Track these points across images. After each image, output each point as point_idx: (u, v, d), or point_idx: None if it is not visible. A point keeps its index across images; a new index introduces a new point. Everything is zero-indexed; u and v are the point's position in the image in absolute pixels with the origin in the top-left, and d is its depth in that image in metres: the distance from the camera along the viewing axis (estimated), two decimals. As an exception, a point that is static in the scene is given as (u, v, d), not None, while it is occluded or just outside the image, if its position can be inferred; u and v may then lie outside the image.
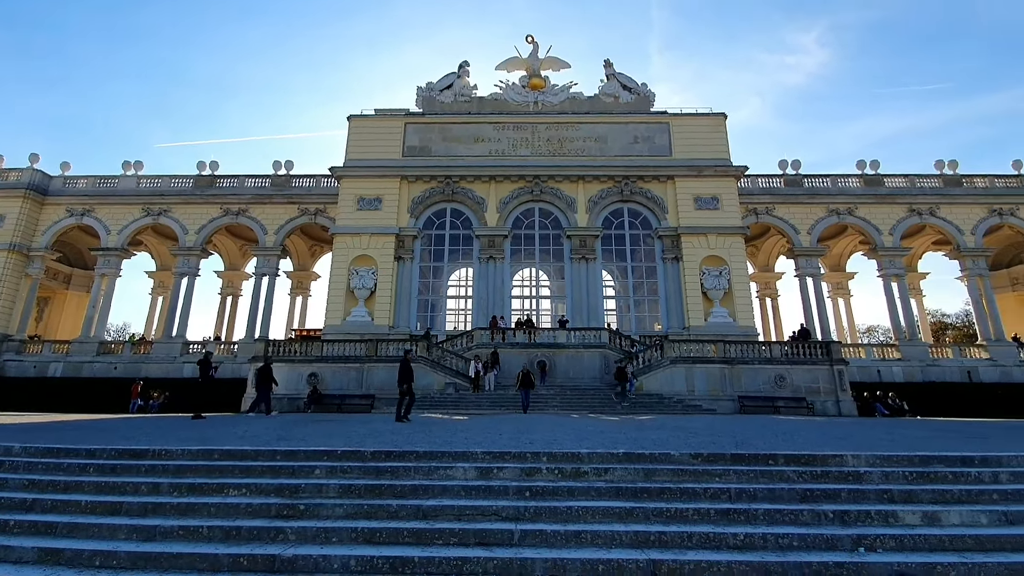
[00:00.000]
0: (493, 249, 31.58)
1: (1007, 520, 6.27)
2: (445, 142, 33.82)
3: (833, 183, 34.96)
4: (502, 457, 7.46)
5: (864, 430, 12.60)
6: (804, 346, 24.36)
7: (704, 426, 12.88)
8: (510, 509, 6.08)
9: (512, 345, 26.31)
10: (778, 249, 38.67)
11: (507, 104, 34.73)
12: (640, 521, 5.98)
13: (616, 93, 35.03)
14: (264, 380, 18.57)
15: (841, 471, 7.32)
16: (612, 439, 9.60)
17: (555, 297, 36.33)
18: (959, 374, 29.68)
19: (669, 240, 31.42)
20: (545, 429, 11.69)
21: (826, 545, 5.67)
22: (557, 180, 32.65)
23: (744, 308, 29.85)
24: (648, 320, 32.22)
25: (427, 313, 33.01)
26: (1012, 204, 33.84)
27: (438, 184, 32.69)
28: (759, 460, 7.57)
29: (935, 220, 33.77)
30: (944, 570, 5.24)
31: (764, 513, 6.18)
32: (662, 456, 7.56)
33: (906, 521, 6.21)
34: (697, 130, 33.47)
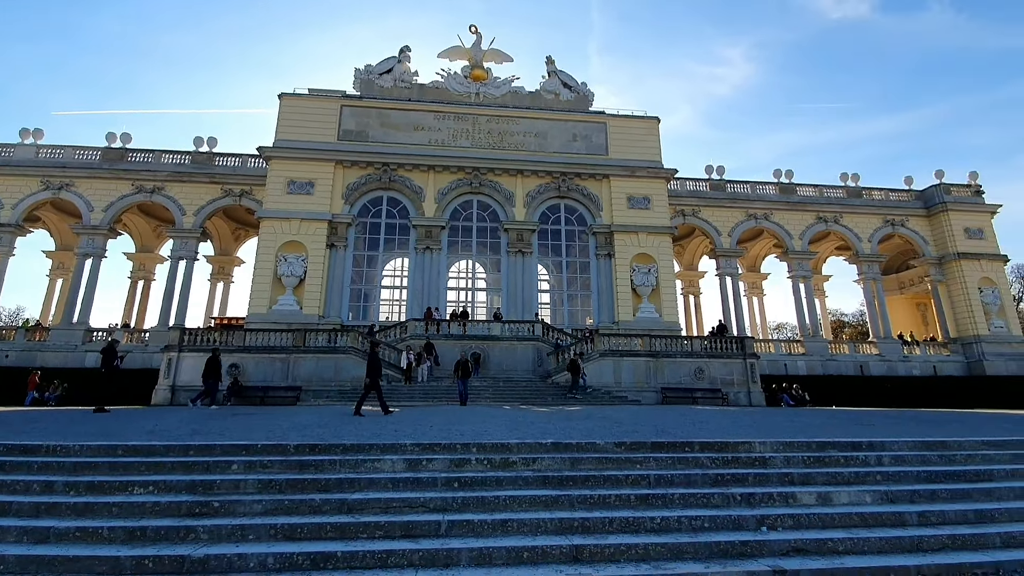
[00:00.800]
0: (430, 240, 31.19)
1: (888, 499, 6.99)
2: (383, 128, 32.89)
3: (752, 190, 37.35)
4: (432, 449, 7.43)
5: (771, 419, 13.65)
6: (721, 341, 25.96)
7: (629, 416, 13.44)
8: (438, 500, 6.09)
9: (446, 336, 26.18)
10: (702, 249, 40.87)
11: (448, 93, 34.27)
12: (565, 508, 6.17)
13: (557, 90, 35.47)
14: (211, 372, 18.04)
15: (749, 456, 7.88)
16: (542, 430, 9.81)
17: (491, 290, 36.44)
18: (853, 368, 32.82)
19: (603, 237, 32.35)
20: (477, 420, 11.74)
21: (733, 526, 6.08)
22: (497, 173, 32.68)
23: (670, 304, 31.35)
24: (580, 314, 33.08)
25: (360, 303, 32.12)
26: (903, 216, 37.70)
27: (375, 171, 31.77)
28: (677, 448, 8.01)
29: (839, 228, 36.98)
30: (833, 545, 5.77)
31: (680, 497, 6.56)
32: (588, 445, 7.82)
33: (803, 501, 6.78)
34: (632, 132, 34.59)
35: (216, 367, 18.54)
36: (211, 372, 18.45)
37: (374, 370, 13.73)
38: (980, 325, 34.48)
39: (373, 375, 13.71)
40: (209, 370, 18.44)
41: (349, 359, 23.18)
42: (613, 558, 5.26)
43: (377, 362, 13.90)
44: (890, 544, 5.88)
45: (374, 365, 13.79)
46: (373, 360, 13.88)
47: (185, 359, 22.50)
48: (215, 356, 18.78)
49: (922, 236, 37.62)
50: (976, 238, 36.66)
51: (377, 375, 13.75)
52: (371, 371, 13.76)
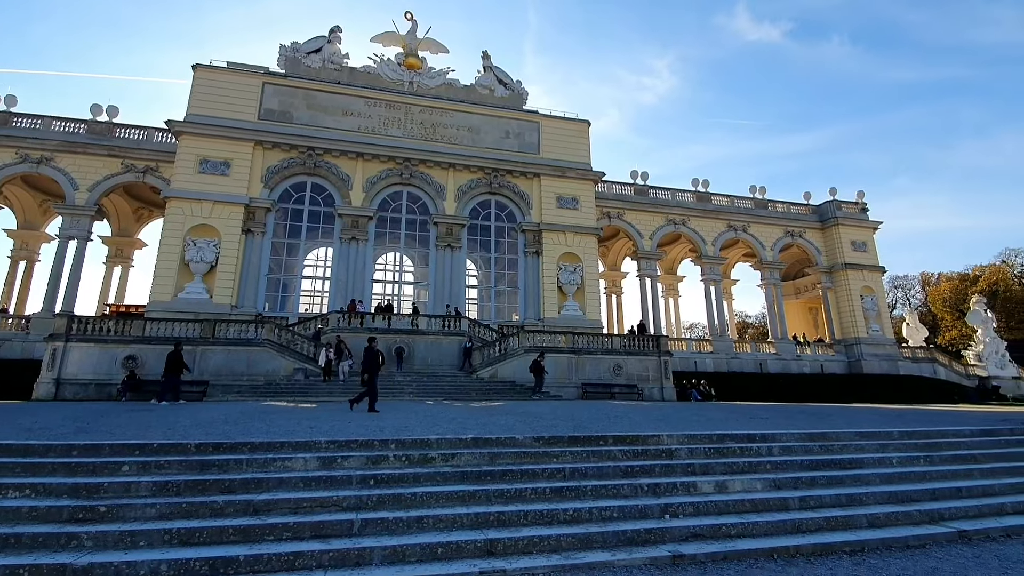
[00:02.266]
0: (356, 230, 30.20)
1: (775, 486, 7.65)
2: (310, 110, 31.35)
3: (673, 196, 39.43)
4: (348, 446, 7.24)
5: (679, 413, 14.55)
6: (639, 339, 27.28)
7: (549, 411, 13.80)
8: (352, 499, 5.95)
9: (370, 330, 25.46)
10: (625, 251, 42.62)
11: (381, 80, 33.26)
12: (482, 503, 6.25)
13: (492, 86, 35.48)
14: (173, 367, 17.00)
15: (657, 449, 8.36)
16: (463, 425, 9.85)
17: (418, 283, 35.95)
18: (754, 365, 35.66)
19: (531, 235, 32.85)
20: (398, 416, 11.58)
21: (640, 514, 6.42)
22: (428, 165, 32.20)
23: (593, 303, 32.46)
24: (507, 310, 33.44)
25: (278, 293, 30.51)
26: (801, 228, 41.38)
27: (299, 155, 30.24)
28: (592, 441, 8.34)
29: (746, 236, 39.95)
30: (727, 529, 6.25)
31: (592, 489, 6.84)
32: (507, 440, 7.96)
33: (703, 490, 7.28)
34: (564, 133, 35.34)
35: (179, 362, 17.26)
36: (173, 366, 17.14)
37: (371, 366, 13.73)
38: (860, 328, 38.64)
39: (367, 371, 13.72)
40: (171, 364, 17.15)
41: (264, 352, 22.00)
42: (526, 550, 5.40)
43: (375, 358, 13.88)
44: (775, 527, 6.45)
45: (372, 360, 13.77)
46: (371, 355, 13.86)
47: (73, 350, 20.36)
48: (177, 351, 17.48)
49: (816, 247, 41.50)
50: (860, 251, 41.00)
51: (370, 371, 13.73)
52: (367, 367, 13.75)
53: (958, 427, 10.77)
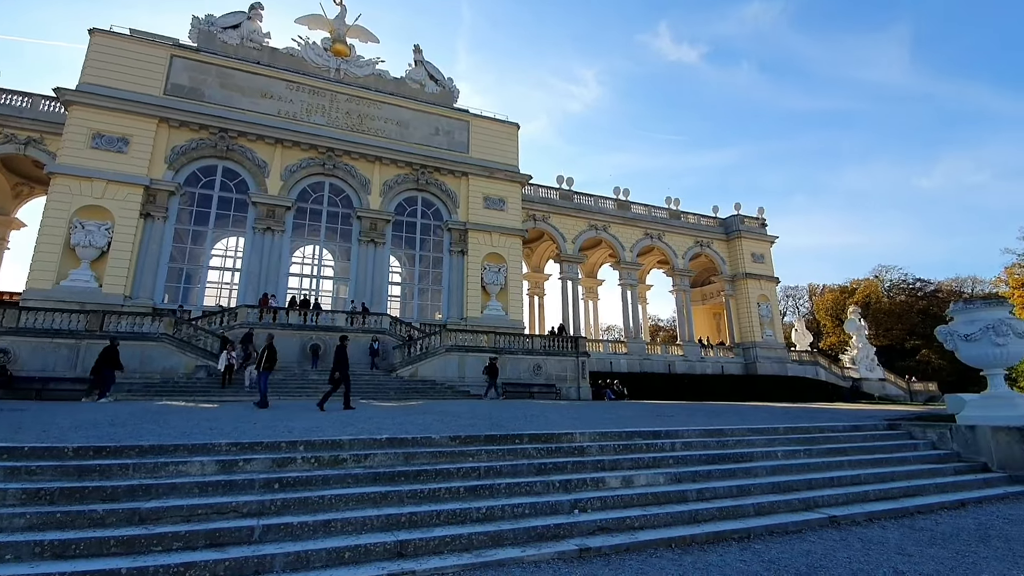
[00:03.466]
0: (272, 220, 28.57)
1: (676, 479, 8.15)
2: (224, 89, 29.23)
3: (595, 203, 40.93)
4: (252, 448, 6.84)
5: (593, 412, 15.12)
6: (559, 340, 28.04)
7: (468, 410, 13.82)
8: (254, 504, 5.64)
9: (284, 326, 24.21)
10: (549, 253, 43.64)
11: (305, 64, 31.70)
12: (394, 504, 6.14)
13: (423, 81, 34.96)
14: (108, 362, 16.17)
15: (570, 446, 8.62)
16: (378, 425, 9.63)
17: (338, 279, 34.66)
18: (664, 366, 37.85)
19: (457, 234, 32.73)
20: (310, 417, 11.11)
21: (551, 511, 6.58)
22: (353, 157, 31.13)
23: (516, 303, 32.92)
24: (430, 309, 33.09)
25: (180, 284, 28.21)
26: (709, 238, 44.48)
27: (210, 136, 28.10)
28: (508, 440, 8.45)
29: (661, 244, 42.31)
30: (631, 522, 6.56)
31: (506, 487, 6.92)
32: (423, 440, 7.89)
33: (610, 485, 7.60)
34: (493, 134, 35.55)
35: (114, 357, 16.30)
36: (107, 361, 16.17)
37: (340, 364, 13.79)
38: (756, 333, 42.17)
39: (338, 369, 13.79)
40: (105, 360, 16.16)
41: (161, 347, 20.25)
42: (437, 550, 5.38)
43: (345, 357, 13.94)
44: (674, 518, 6.86)
45: (342, 359, 13.84)
46: (341, 354, 13.91)
47: (-77, 340, 17.60)
48: (113, 346, 16.34)
49: (721, 257, 44.76)
50: (759, 262, 44.76)
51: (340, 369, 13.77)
52: (337, 365, 13.83)
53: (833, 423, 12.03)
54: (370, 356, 24.52)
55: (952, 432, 10.75)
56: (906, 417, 13.33)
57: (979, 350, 10.67)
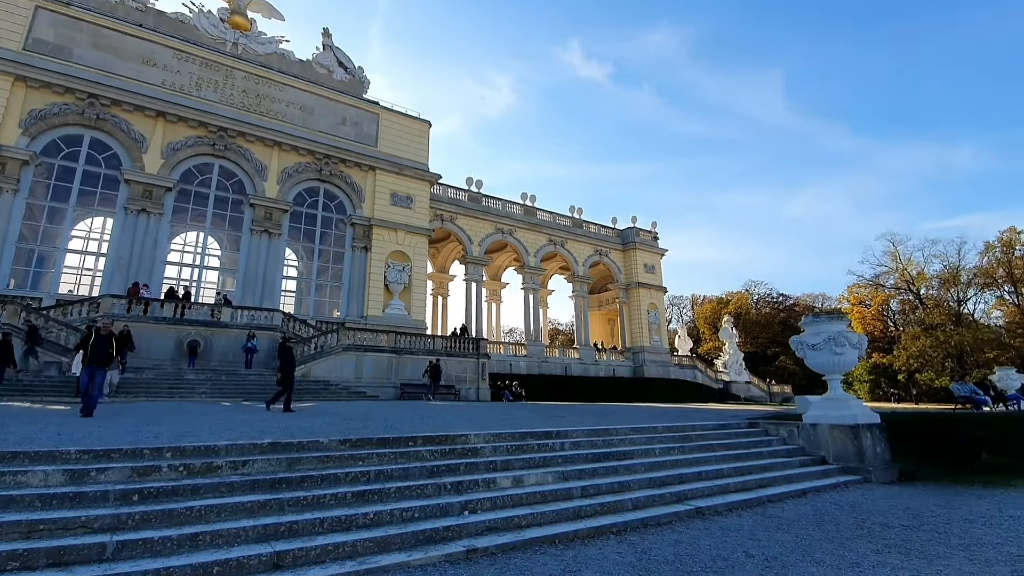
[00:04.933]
0: (149, 201, 25.67)
1: (564, 477, 8.47)
2: (98, 51, 25.79)
3: (503, 207, 41.57)
4: (107, 456, 6.12)
5: (490, 413, 15.33)
6: (460, 341, 28.10)
7: (362, 412, 13.40)
8: (108, 518, 5.05)
9: (157, 320, 21.85)
10: (455, 254, 43.56)
11: (197, 33, 28.89)
12: (273, 513, 5.80)
13: (331, 67, 33.36)
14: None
15: (465, 448, 8.67)
16: (262, 428, 9.04)
17: (225, 270, 32.01)
18: (561, 368, 39.32)
19: (361, 229, 31.60)
20: (183, 420, 10.14)
21: (441, 513, 6.55)
22: (249, 139, 28.88)
23: (419, 303, 32.46)
24: (329, 305, 31.61)
25: (31, 268, 24.48)
26: (608, 248, 46.99)
27: (76, 101, 24.65)
28: (402, 443, 8.32)
29: (564, 251, 43.96)
30: (519, 520, 6.71)
31: (396, 491, 6.80)
32: (310, 444, 7.53)
33: (501, 485, 7.75)
34: (404, 130, 34.80)
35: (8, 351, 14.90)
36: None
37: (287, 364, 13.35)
38: (645, 338, 45.24)
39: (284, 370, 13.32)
40: None
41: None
42: (319, 559, 5.17)
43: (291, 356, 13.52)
44: (560, 515, 7.14)
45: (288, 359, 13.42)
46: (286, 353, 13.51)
47: None
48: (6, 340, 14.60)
49: (618, 266, 47.48)
50: (650, 272, 48.06)
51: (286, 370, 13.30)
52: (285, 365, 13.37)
53: (704, 422, 13.23)
54: (247, 354, 22.65)
55: (799, 429, 12.30)
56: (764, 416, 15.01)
57: (822, 358, 12.32)
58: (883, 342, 59.14)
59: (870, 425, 11.56)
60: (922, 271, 59.66)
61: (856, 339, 12.30)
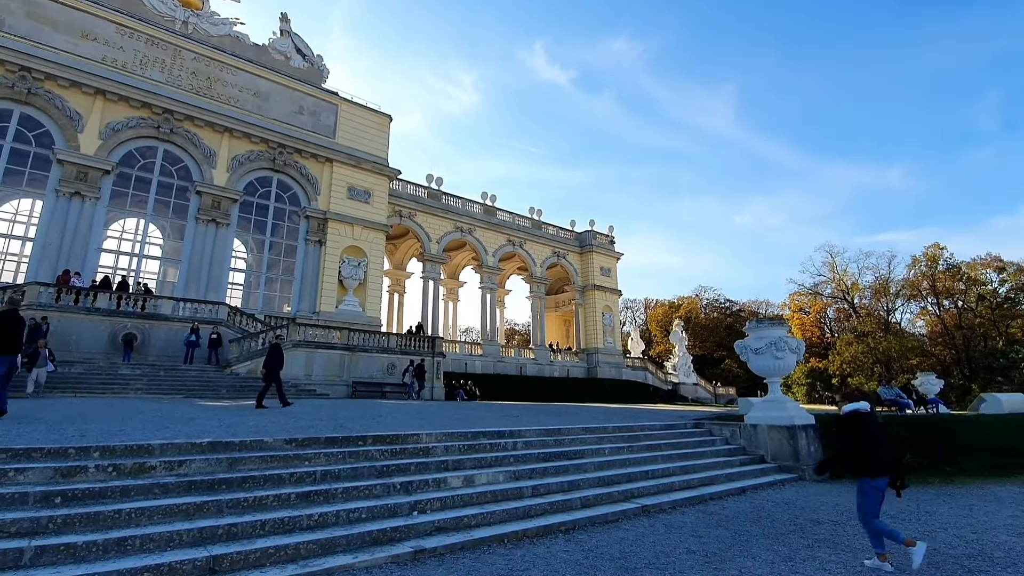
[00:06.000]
0: (83, 184, 24.07)
1: (515, 477, 8.53)
2: (32, 20, 23.97)
3: (463, 205, 41.37)
4: (27, 455, 5.71)
5: (444, 412, 15.24)
6: (415, 339, 27.78)
7: (311, 411, 13.05)
8: (27, 522, 4.72)
9: (89, 311, 20.51)
10: (412, 252, 43.04)
11: (143, 8, 27.32)
12: (211, 515, 5.58)
13: (288, 53, 32.26)
14: None
15: (416, 447, 8.58)
16: (202, 427, 8.65)
17: (167, 260, 30.46)
18: (516, 368, 39.52)
19: (316, 223, 30.72)
20: (114, 418, 9.58)
21: (389, 513, 6.48)
22: (197, 124, 27.54)
23: (374, 300, 31.86)
24: (279, 300, 30.57)
25: (-60, 251, 22.40)
26: (566, 250, 47.57)
27: (7, 73, 22.89)
28: (351, 442, 8.16)
29: (522, 251, 44.19)
30: (469, 520, 6.71)
31: (343, 491, 6.67)
32: (254, 443, 7.27)
33: (452, 485, 7.73)
34: (364, 122, 34.06)
35: None
36: None
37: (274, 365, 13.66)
38: (599, 340, 46.08)
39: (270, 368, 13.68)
40: None
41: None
42: (258, 563, 5.01)
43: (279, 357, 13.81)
44: (510, 514, 7.19)
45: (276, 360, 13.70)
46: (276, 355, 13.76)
47: None
48: None
49: (575, 268, 48.15)
50: (606, 275, 48.99)
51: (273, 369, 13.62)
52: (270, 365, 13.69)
53: (652, 422, 13.62)
54: (188, 349, 21.64)
55: (741, 430, 12.84)
56: (708, 417, 15.59)
57: (764, 362, 12.91)
58: (820, 348, 62.52)
59: (805, 426, 12.20)
60: (856, 282, 63.50)
61: (795, 344, 12.95)
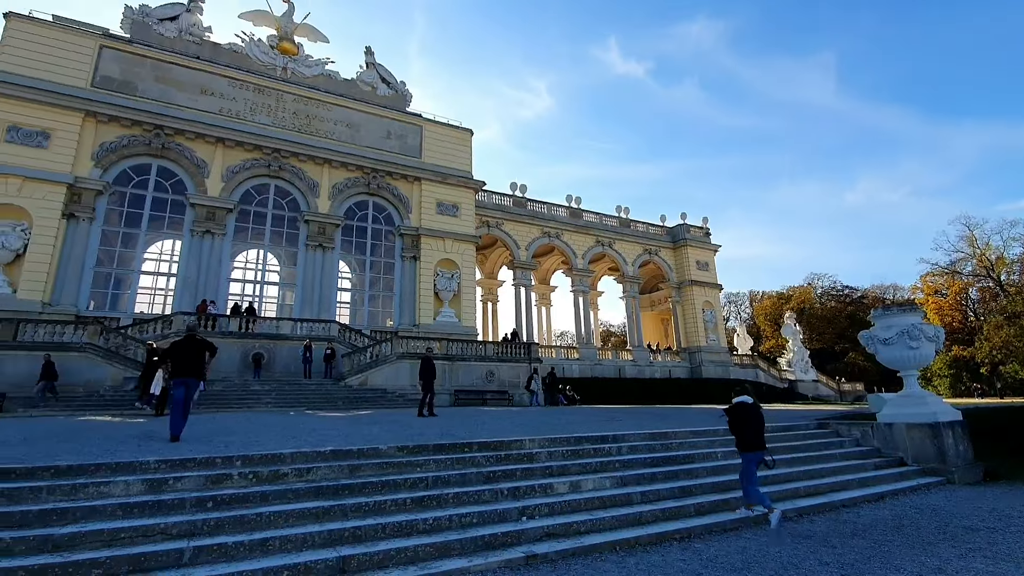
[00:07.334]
0: (212, 223, 27.26)
1: (622, 483, 8.30)
2: (160, 84, 27.71)
3: (548, 210, 41.46)
4: (183, 465, 6.47)
5: (544, 418, 15.24)
6: (512, 346, 28.14)
7: (419, 420, 13.63)
8: (185, 525, 5.33)
9: (224, 334, 23.10)
10: (502, 260, 43.79)
11: (249, 61, 30.54)
12: (337, 519, 5.96)
13: (374, 83, 34.42)
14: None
15: (520, 453, 8.64)
16: (323, 436, 9.34)
17: (284, 284, 33.53)
18: (615, 371, 38.65)
19: (410, 239, 32.31)
20: (251, 430, 10.64)
21: (499, 518, 6.55)
22: (301, 159, 30.19)
23: (469, 310, 32.79)
24: (382, 316, 32.46)
25: (108, 290, 26.44)
26: (657, 247, 45.92)
27: (143, 132, 26.54)
28: (457, 448, 8.38)
29: (612, 252, 43.30)
30: (578, 527, 6.60)
31: (454, 497, 6.85)
32: (370, 451, 7.70)
33: (558, 490, 7.66)
34: (447, 139, 35.40)
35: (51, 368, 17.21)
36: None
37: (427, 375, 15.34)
38: (701, 338, 43.79)
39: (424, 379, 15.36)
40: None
41: (84, 359, 18.88)
42: (382, 564, 5.27)
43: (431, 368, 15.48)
44: (619, 521, 6.98)
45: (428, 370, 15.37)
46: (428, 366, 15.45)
47: None
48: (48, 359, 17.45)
49: (669, 264, 46.29)
50: (704, 270, 46.55)
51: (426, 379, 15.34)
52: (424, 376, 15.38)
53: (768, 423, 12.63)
54: (305, 365, 23.58)
55: (873, 430, 11.52)
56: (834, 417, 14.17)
57: (895, 353, 11.50)
58: (963, 333, 54.75)
59: (951, 423, 10.70)
60: (1002, 256, 54.87)
61: (932, 331, 11.43)
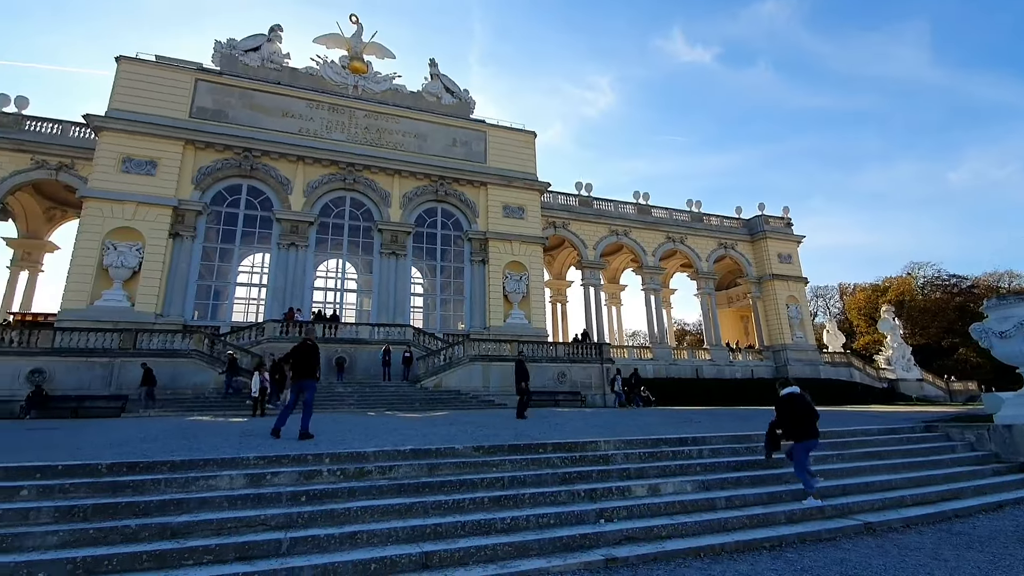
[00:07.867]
0: (296, 235, 29.18)
1: (704, 487, 7.96)
2: (247, 110, 30.10)
3: (615, 208, 40.69)
4: (279, 461, 6.95)
5: (618, 419, 14.95)
6: (582, 347, 27.85)
7: (492, 420, 13.82)
8: (281, 517, 5.72)
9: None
10: (570, 260, 43.49)
11: (324, 82, 32.46)
12: (419, 516, 6.16)
13: (439, 94, 35.42)
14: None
15: (595, 455, 8.53)
16: (403, 436, 9.69)
17: (362, 291, 35.16)
18: (691, 371, 37.20)
19: (478, 243, 32.90)
20: (336, 429, 11.26)
21: (576, 520, 6.50)
22: (373, 171, 31.64)
23: (538, 311, 32.85)
24: (453, 319, 33.25)
25: (209, 301, 28.99)
26: (733, 240, 43.73)
27: (234, 156, 28.92)
28: (532, 449, 8.41)
29: (683, 247, 41.76)
30: (658, 531, 6.43)
31: (530, 497, 6.87)
32: (447, 451, 7.90)
33: (636, 493, 7.48)
34: (511, 143, 35.74)
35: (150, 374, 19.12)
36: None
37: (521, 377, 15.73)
38: (786, 335, 41.15)
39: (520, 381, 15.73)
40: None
41: (191, 363, 20.78)
42: (462, 561, 5.37)
43: (524, 370, 15.91)
44: (702, 527, 6.71)
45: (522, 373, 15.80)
46: (521, 368, 15.92)
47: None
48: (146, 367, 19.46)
49: (747, 258, 43.93)
50: (786, 263, 43.76)
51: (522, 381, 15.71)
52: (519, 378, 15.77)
53: (867, 426, 11.65)
54: (384, 368, 24.63)
55: (990, 432, 10.33)
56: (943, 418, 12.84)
57: (1013, 347, 10.26)
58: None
59: (1090, 425, 9.34)
60: None
61: (1061, 323, 10.05)
